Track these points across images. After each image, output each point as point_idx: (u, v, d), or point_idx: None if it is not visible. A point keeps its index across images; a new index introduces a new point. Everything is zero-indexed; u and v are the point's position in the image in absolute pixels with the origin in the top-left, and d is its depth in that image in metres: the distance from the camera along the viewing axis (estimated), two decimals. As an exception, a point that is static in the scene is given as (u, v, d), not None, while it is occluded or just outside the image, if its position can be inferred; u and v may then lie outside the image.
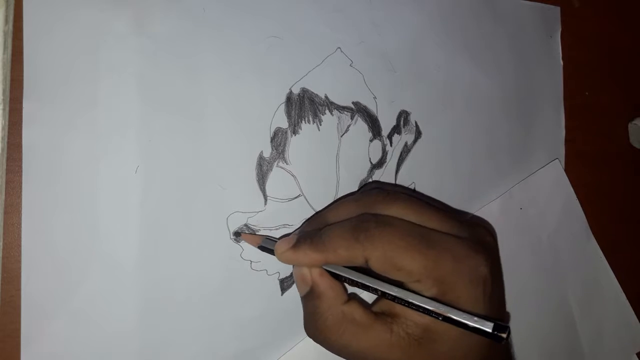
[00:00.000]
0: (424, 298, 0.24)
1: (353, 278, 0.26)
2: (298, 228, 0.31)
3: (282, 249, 0.26)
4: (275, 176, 0.31)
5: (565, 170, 0.42)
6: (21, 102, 0.25)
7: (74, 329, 0.26)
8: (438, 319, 0.24)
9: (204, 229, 0.29)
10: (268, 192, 0.31)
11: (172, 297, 0.28)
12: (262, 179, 0.31)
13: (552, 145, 0.42)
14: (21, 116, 0.25)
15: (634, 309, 0.46)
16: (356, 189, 0.33)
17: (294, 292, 0.31)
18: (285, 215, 0.31)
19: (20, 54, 0.25)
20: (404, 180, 0.35)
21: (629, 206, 0.46)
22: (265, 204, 0.31)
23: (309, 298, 0.26)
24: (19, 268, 0.25)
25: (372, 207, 0.27)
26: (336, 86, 0.33)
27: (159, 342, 0.28)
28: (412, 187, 0.35)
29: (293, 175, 0.31)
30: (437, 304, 0.24)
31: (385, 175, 0.34)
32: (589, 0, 0.45)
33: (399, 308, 0.25)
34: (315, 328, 0.26)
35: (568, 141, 0.43)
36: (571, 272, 0.39)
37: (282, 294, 0.31)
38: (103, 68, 0.27)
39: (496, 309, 0.26)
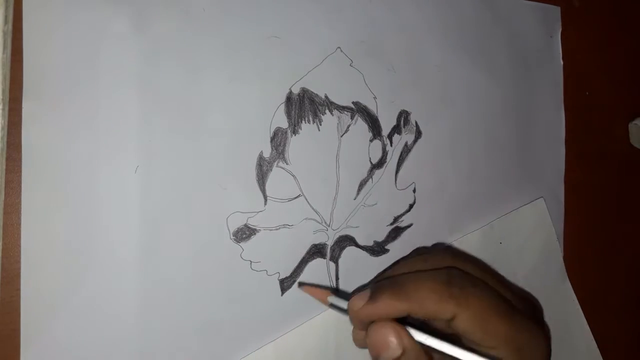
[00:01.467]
0: None
1: (437, 341, 0.24)
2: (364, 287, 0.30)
3: (357, 305, 0.25)
4: (275, 176, 0.31)
5: (565, 170, 0.42)
6: (20, 102, 0.25)
7: (73, 329, 0.26)
8: None
9: (204, 229, 0.29)
10: (268, 192, 0.31)
11: (172, 297, 0.28)
12: (262, 179, 0.31)
13: (552, 145, 0.42)
14: (21, 116, 0.25)
15: (633, 312, 0.46)
16: (356, 189, 0.33)
17: (294, 292, 0.31)
18: (285, 215, 0.31)
19: (19, 54, 0.25)
20: (404, 180, 0.35)
21: (628, 206, 0.46)
22: (265, 204, 0.31)
23: None
24: (19, 268, 0.25)
25: (442, 264, 0.27)
26: (336, 86, 0.33)
27: (159, 342, 0.28)
28: (412, 187, 0.35)
29: (293, 175, 0.31)
30: None
31: (385, 175, 0.34)
32: (589, 0, 0.45)
33: None
34: None
35: (568, 141, 0.42)
36: (544, 314, 0.39)
37: (282, 294, 0.31)
38: (103, 68, 0.27)
39: None
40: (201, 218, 0.29)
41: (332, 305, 0.27)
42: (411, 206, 0.35)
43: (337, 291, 0.27)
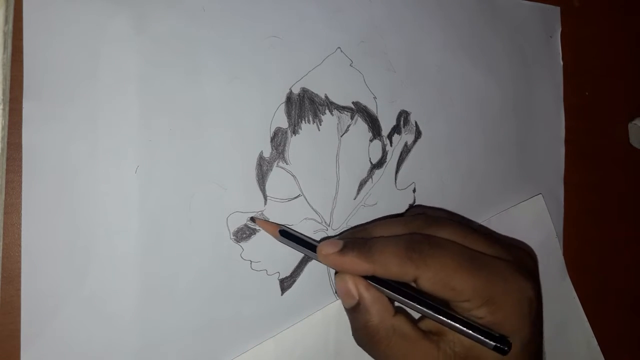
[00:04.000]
0: (467, 325, 0.25)
1: (398, 296, 0.26)
2: (338, 235, 0.32)
3: (327, 251, 0.27)
4: (275, 176, 0.31)
5: (565, 170, 0.42)
6: (21, 102, 0.25)
7: (74, 329, 0.26)
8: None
9: (204, 229, 0.29)
10: (268, 192, 0.31)
11: (172, 297, 0.28)
12: (262, 179, 0.31)
13: (552, 145, 0.42)
14: (21, 116, 0.25)
15: (633, 312, 0.46)
16: (356, 189, 0.33)
17: (294, 292, 0.31)
18: (285, 215, 0.31)
19: (20, 54, 0.25)
20: (404, 180, 0.35)
21: (628, 206, 0.46)
22: (265, 204, 0.31)
23: (357, 311, 0.27)
24: (19, 268, 0.25)
25: (421, 230, 0.28)
26: (336, 86, 0.33)
27: (159, 343, 0.28)
28: (412, 187, 0.35)
29: (293, 175, 0.31)
30: (470, 332, 0.25)
31: (385, 175, 0.34)
32: (589, 0, 0.45)
33: (444, 327, 0.26)
34: (365, 340, 0.27)
35: (568, 141, 0.42)
36: (544, 311, 0.39)
37: (282, 294, 0.31)
38: (103, 68, 0.27)
39: (538, 330, 0.27)
40: (201, 218, 0.29)
41: (283, 235, 0.29)
42: (411, 206, 0.35)
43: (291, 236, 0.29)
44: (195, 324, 0.29)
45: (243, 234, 0.30)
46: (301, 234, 0.30)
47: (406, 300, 0.26)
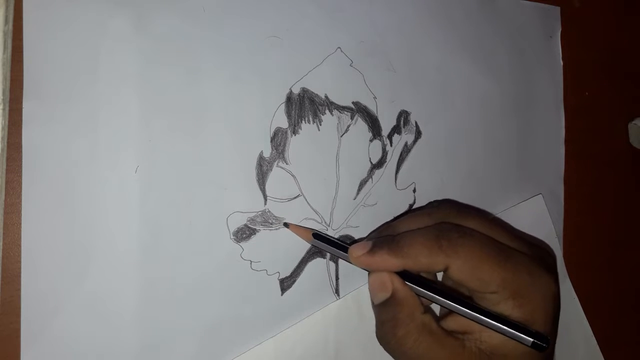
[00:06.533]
0: (502, 321, 0.25)
1: (430, 293, 0.27)
2: (368, 235, 0.32)
3: (357, 253, 0.27)
4: (275, 176, 0.31)
5: (565, 170, 0.42)
6: (21, 102, 0.25)
7: (74, 329, 0.26)
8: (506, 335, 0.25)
9: (204, 229, 0.29)
10: (268, 192, 0.31)
11: (172, 297, 0.28)
12: (262, 179, 0.31)
13: (552, 145, 0.42)
14: (21, 116, 0.25)
15: (633, 312, 0.46)
16: (356, 189, 0.33)
17: (294, 292, 0.31)
18: (285, 215, 0.31)
19: (20, 54, 0.25)
20: (404, 180, 0.35)
21: (629, 206, 0.46)
22: (265, 203, 0.31)
23: (388, 305, 0.27)
24: (19, 268, 0.25)
25: (447, 219, 0.28)
26: (336, 86, 0.33)
27: (159, 343, 0.28)
28: (412, 187, 0.35)
29: (293, 175, 0.31)
30: (507, 329, 0.25)
31: (385, 175, 0.34)
32: (589, 0, 0.45)
33: (469, 326, 0.26)
34: (392, 335, 0.26)
35: (568, 141, 0.42)
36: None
37: (282, 294, 0.31)
38: (103, 68, 0.27)
39: (556, 329, 0.28)
40: (201, 218, 0.29)
41: (316, 238, 0.29)
42: (411, 206, 0.35)
43: (322, 238, 0.29)
44: (195, 324, 0.29)
45: (243, 234, 0.30)
46: (332, 237, 0.30)
47: (438, 297, 0.26)
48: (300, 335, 0.30)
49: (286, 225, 0.30)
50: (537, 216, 0.39)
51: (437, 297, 0.26)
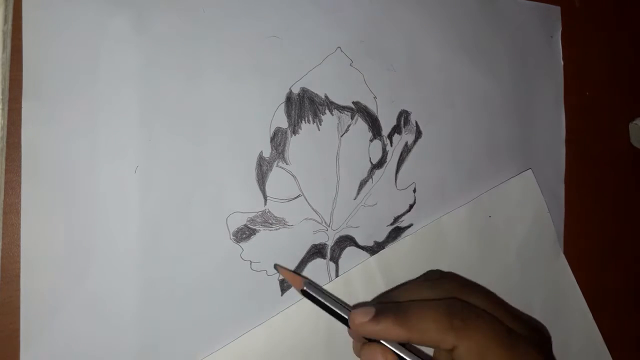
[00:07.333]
0: None
1: None
2: (366, 304, 0.30)
3: (360, 319, 0.26)
4: (275, 176, 0.31)
5: (565, 170, 0.42)
6: (20, 102, 0.25)
7: (73, 329, 0.26)
8: None
9: (204, 229, 0.29)
10: (268, 192, 0.31)
11: (171, 298, 0.28)
12: (262, 179, 0.30)
13: (552, 145, 0.42)
14: (20, 116, 0.25)
15: (633, 312, 0.46)
16: (356, 189, 0.33)
17: (294, 292, 0.31)
18: (285, 216, 0.31)
19: (19, 54, 0.25)
20: (404, 180, 0.35)
21: (629, 206, 0.46)
22: (265, 204, 0.30)
23: None
24: (19, 268, 0.25)
25: (451, 294, 0.27)
26: (336, 86, 0.33)
27: (159, 343, 0.28)
28: (412, 187, 0.35)
29: (293, 175, 0.31)
30: None
31: (385, 175, 0.34)
32: (589, 0, 0.45)
33: None
34: None
35: (568, 141, 0.42)
36: (538, 287, 0.39)
37: (282, 294, 0.31)
38: (103, 68, 0.27)
39: None
40: (201, 218, 0.29)
41: (305, 294, 0.27)
42: (411, 206, 0.35)
43: (310, 284, 0.28)
44: (195, 324, 0.28)
45: (243, 234, 0.30)
46: (327, 293, 0.28)
47: None
48: (291, 323, 0.30)
49: (276, 268, 0.30)
50: (527, 191, 0.39)
51: None
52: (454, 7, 0.38)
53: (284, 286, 0.31)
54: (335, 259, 0.32)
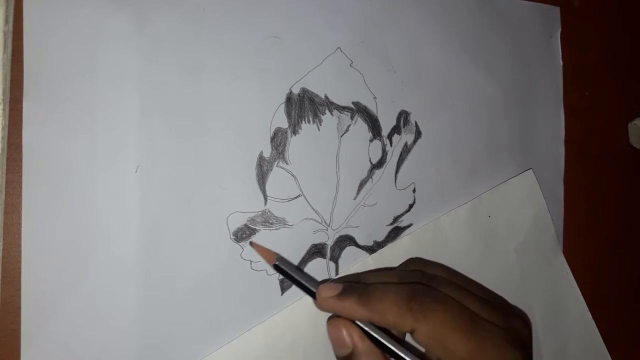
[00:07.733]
0: None
1: (392, 347, 0.26)
2: (332, 279, 0.31)
3: (325, 294, 0.26)
4: (275, 176, 0.31)
5: (565, 170, 0.42)
6: (21, 102, 0.25)
7: (74, 329, 0.26)
8: None
9: (204, 229, 0.29)
10: (268, 192, 0.31)
11: (172, 297, 0.28)
12: (262, 179, 0.31)
13: (552, 145, 0.42)
14: (21, 116, 0.25)
15: (633, 311, 0.46)
16: (356, 189, 0.33)
17: (293, 292, 0.31)
18: (285, 215, 0.31)
19: (20, 54, 0.25)
20: (404, 180, 0.35)
21: (628, 206, 0.46)
22: (265, 204, 0.31)
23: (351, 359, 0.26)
24: (19, 268, 0.25)
25: (421, 280, 0.28)
26: (336, 86, 0.33)
27: (159, 343, 0.28)
28: (412, 187, 0.35)
29: (293, 175, 0.31)
30: None
31: (385, 175, 0.34)
32: (589, 0, 0.45)
33: None
34: None
35: (568, 141, 0.43)
36: (538, 287, 0.39)
37: (282, 294, 0.31)
38: (103, 68, 0.27)
39: None
40: (201, 218, 0.29)
41: (277, 268, 0.28)
42: (411, 206, 0.35)
43: (283, 260, 0.29)
44: (195, 324, 0.29)
45: (243, 234, 0.30)
46: (297, 268, 0.29)
47: (398, 352, 0.26)
48: (291, 321, 0.30)
49: (251, 244, 0.30)
50: (528, 191, 0.39)
51: (397, 352, 0.26)
52: (454, 8, 0.38)
53: (284, 286, 0.31)
54: (335, 259, 0.33)
